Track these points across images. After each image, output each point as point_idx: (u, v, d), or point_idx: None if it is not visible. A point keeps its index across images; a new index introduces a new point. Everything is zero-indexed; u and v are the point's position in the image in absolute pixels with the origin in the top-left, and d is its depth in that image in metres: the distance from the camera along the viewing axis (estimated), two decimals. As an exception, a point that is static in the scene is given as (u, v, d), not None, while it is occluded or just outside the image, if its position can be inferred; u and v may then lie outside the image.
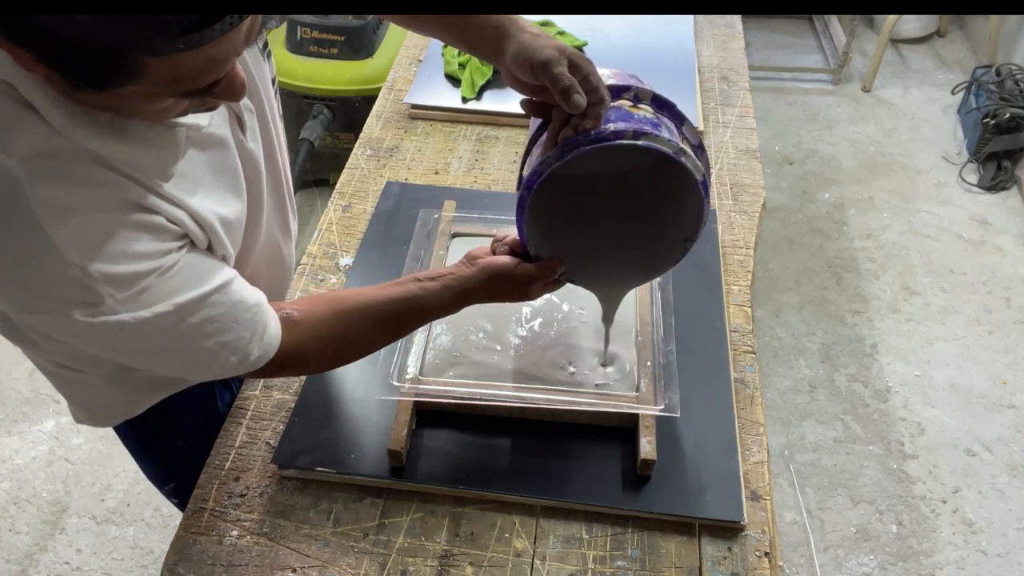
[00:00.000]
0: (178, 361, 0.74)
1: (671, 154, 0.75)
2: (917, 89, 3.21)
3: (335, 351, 0.84)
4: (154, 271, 0.66)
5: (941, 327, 2.27)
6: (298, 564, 0.86)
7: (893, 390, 2.11)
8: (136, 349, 0.70)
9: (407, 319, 0.86)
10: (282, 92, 2.68)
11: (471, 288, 0.85)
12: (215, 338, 0.72)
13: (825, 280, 2.42)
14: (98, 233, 0.62)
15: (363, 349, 0.87)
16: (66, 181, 0.60)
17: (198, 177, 0.72)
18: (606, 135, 0.74)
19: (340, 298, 0.84)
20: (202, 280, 0.70)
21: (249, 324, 0.74)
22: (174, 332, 0.69)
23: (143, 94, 0.58)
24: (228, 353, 0.73)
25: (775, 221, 2.60)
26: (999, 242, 2.53)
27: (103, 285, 0.63)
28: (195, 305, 0.69)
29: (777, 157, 2.89)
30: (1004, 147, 2.67)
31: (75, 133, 0.60)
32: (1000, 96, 2.70)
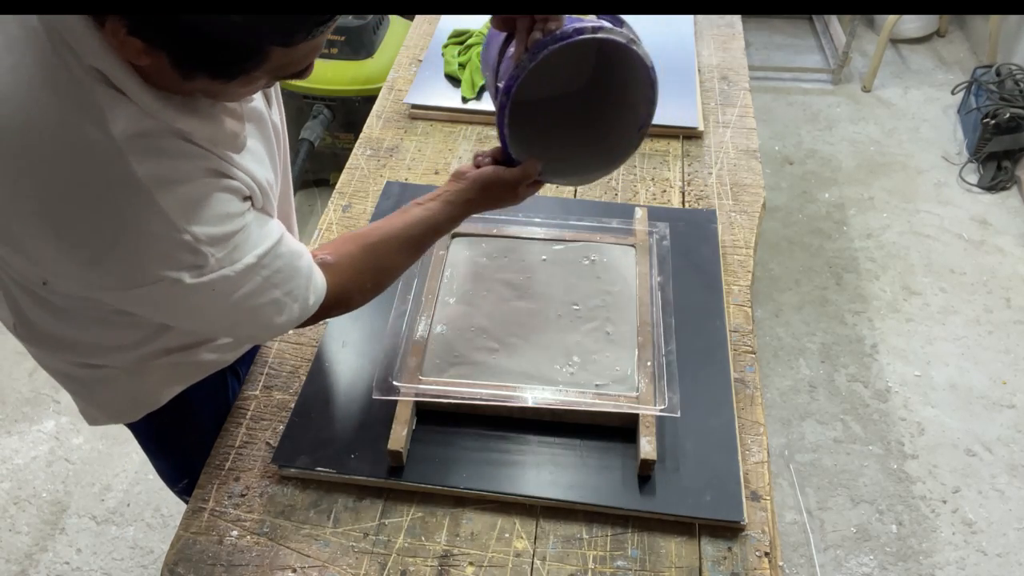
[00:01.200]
0: (255, 317, 0.78)
1: (624, 43, 0.86)
2: (917, 89, 3.21)
3: (373, 281, 0.90)
4: (241, 229, 0.72)
5: (941, 327, 2.27)
6: (298, 564, 0.86)
7: (893, 390, 2.11)
8: (223, 309, 0.75)
9: (423, 238, 0.92)
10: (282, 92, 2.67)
11: (469, 199, 0.93)
12: (282, 288, 0.77)
13: (825, 280, 2.42)
14: (198, 199, 0.67)
15: (394, 274, 0.93)
16: (165, 156, 0.65)
17: (252, 146, 0.78)
18: (570, 32, 0.83)
19: (363, 234, 0.90)
20: (267, 234, 0.76)
21: (304, 272, 0.80)
22: (253, 285, 0.74)
23: (249, 80, 0.65)
24: (291, 301, 0.79)
25: (775, 221, 2.60)
26: (999, 242, 2.53)
27: (207, 246, 0.68)
28: (267, 257, 0.75)
29: (777, 157, 2.89)
30: (1004, 147, 2.67)
31: (163, 113, 0.65)
32: (1000, 96, 2.70)
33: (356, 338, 1.07)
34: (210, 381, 1.01)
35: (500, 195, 0.94)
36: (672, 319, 1.04)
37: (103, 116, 0.62)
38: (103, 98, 0.62)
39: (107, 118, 0.62)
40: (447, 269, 1.11)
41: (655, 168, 1.38)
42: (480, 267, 1.12)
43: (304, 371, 1.04)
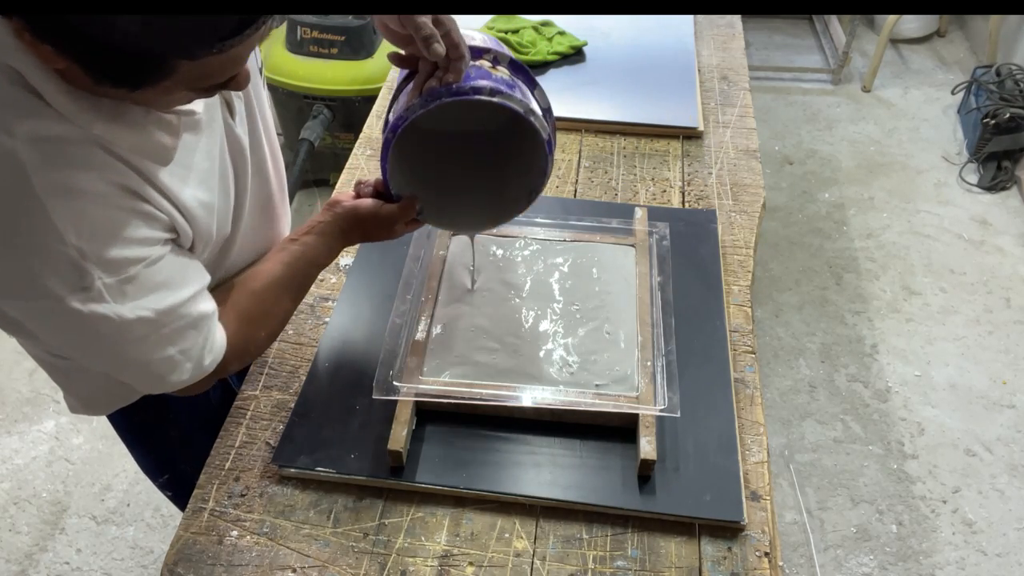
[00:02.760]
0: (141, 369, 0.75)
1: (521, 112, 0.84)
2: (917, 89, 3.21)
3: (267, 331, 0.89)
4: (143, 260, 0.68)
5: (941, 327, 2.27)
6: (298, 564, 0.86)
7: (893, 390, 2.11)
8: (108, 350, 0.71)
9: (305, 275, 0.91)
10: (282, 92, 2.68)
11: (343, 229, 0.91)
12: (178, 346, 0.74)
13: (825, 280, 2.42)
14: (96, 216, 0.64)
15: (285, 318, 0.92)
16: (69, 164, 0.62)
17: (189, 162, 0.74)
18: (465, 89, 0.82)
19: (246, 282, 0.88)
20: (182, 283, 0.73)
21: (206, 331, 0.77)
22: (149, 339, 0.71)
23: (163, 90, 0.61)
24: (185, 360, 0.76)
25: (775, 221, 2.60)
26: (999, 242, 2.53)
27: (95, 267, 0.65)
28: (170, 314, 0.72)
29: (777, 157, 2.89)
30: (1004, 147, 2.67)
31: (80, 118, 0.62)
32: (1000, 96, 2.70)
33: (356, 338, 1.07)
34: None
35: (374, 230, 0.92)
36: (672, 319, 1.04)
37: (8, 117, 0.60)
38: (14, 98, 0.60)
39: (12, 119, 0.60)
40: (447, 269, 1.11)
41: (655, 168, 1.38)
42: (480, 267, 1.12)
43: (304, 371, 1.04)
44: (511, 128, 0.91)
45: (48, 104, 0.61)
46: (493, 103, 0.83)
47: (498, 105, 0.83)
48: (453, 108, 0.83)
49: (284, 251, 0.90)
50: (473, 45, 0.87)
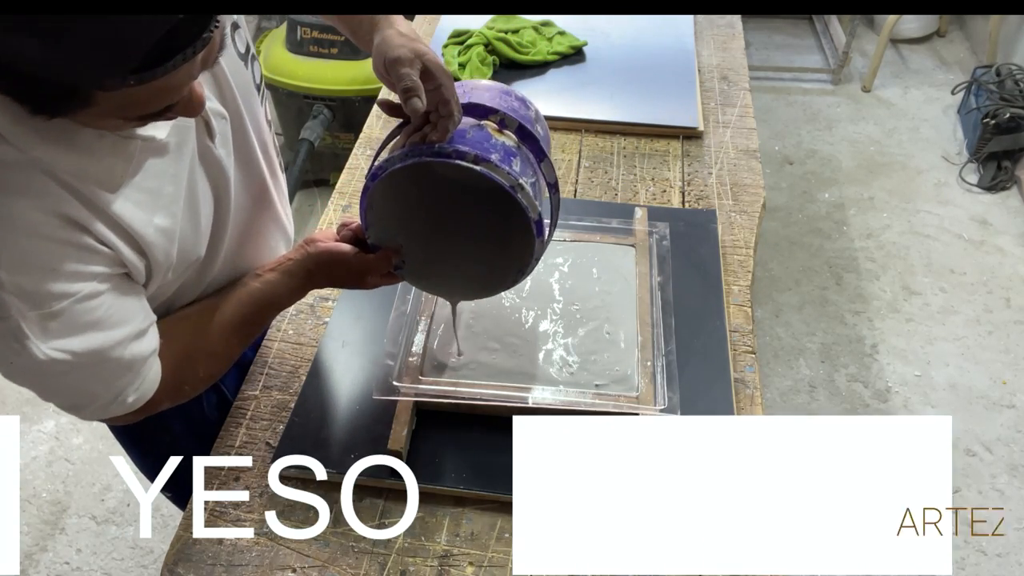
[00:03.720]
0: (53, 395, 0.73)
1: (506, 187, 0.77)
2: (917, 89, 3.21)
3: (205, 370, 0.85)
4: (71, 296, 0.64)
5: (941, 327, 2.27)
6: (298, 564, 0.86)
7: (893, 390, 2.11)
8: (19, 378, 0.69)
9: (259, 316, 0.87)
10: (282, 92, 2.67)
11: (310, 271, 0.87)
12: (106, 383, 0.72)
13: (825, 280, 2.42)
14: (23, 245, 0.61)
15: (228, 359, 0.87)
16: (3, 190, 0.60)
17: (150, 187, 0.70)
18: (447, 152, 0.75)
19: (191, 316, 0.84)
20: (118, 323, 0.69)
21: (138, 372, 0.74)
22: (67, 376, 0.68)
23: (95, 115, 0.58)
24: (108, 395, 0.73)
25: (775, 221, 2.60)
26: (999, 242, 2.53)
27: (13, 297, 0.61)
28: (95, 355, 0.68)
29: (777, 157, 2.89)
30: (1004, 147, 2.67)
31: (21, 139, 0.59)
32: (1000, 96, 2.70)
33: (356, 338, 1.07)
34: None
35: (344, 277, 0.88)
36: (672, 319, 1.04)
37: None
38: None
39: None
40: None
41: (655, 168, 1.38)
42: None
43: (304, 371, 1.04)
44: (497, 204, 0.82)
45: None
46: (474, 171, 0.76)
47: (479, 174, 0.76)
48: (435, 171, 0.79)
49: (244, 288, 0.86)
50: (479, 103, 0.81)
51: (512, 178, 0.77)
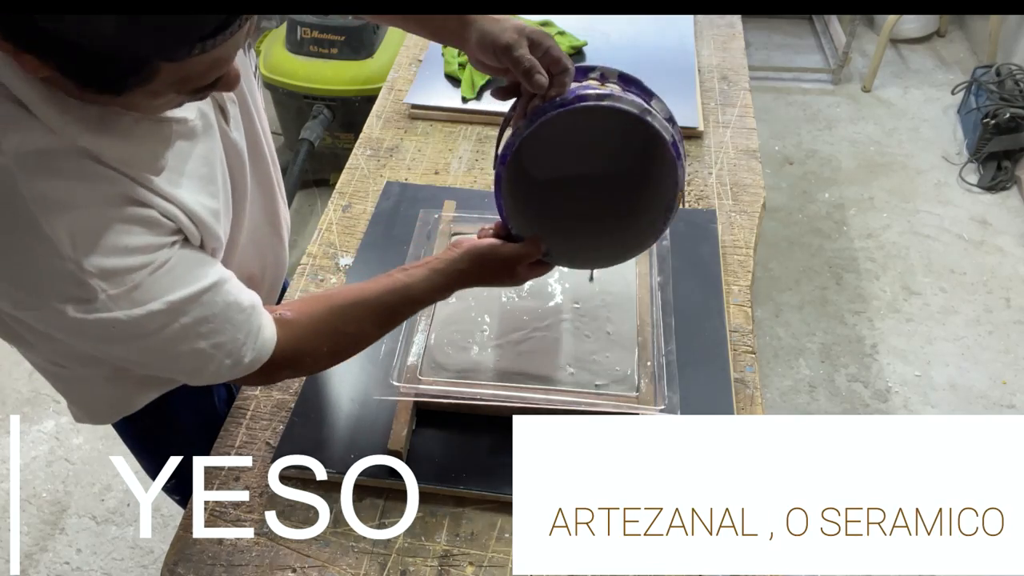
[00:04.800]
0: (170, 362, 0.73)
1: (636, 114, 0.76)
2: (917, 89, 3.21)
3: (331, 347, 0.83)
4: (146, 266, 0.66)
5: (941, 327, 2.27)
6: (298, 564, 0.86)
7: (893, 390, 2.11)
8: (129, 349, 0.70)
9: (400, 308, 0.86)
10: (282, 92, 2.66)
11: (460, 270, 0.85)
12: (208, 339, 0.72)
13: (825, 280, 2.42)
14: (92, 227, 0.63)
15: (359, 343, 0.86)
16: (60, 176, 0.61)
17: (187, 169, 0.72)
18: (570, 100, 0.76)
19: (332, 295, 0.84)
20: (195, 278, 0.70)
21: (243, 326, 0.74)
22: (167, 332, 0.69)
23: (150, 93, 0.60)
24: (222, 355, 0.73)
25: (775, 221, 2.60)
26: (999, 242, 2.53)
27: (96, 280, 0.63)
28: (188, 304, 0.69)
29: (777, 157, 2.89)
30: (1004, 147, 2.67)
31: (66, 129, 0.61)
32: (1000, 96, 2.70)
33: (356, 338, 1.07)
34: (192, 387, 0.99)
35: (495, 272, 0.87)
36: (672, 319, 1.04)
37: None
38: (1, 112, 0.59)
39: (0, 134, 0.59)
40: (447, 269, 1.11)
41: (655, 168, 1.37)
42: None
43: (304, 371, 1.04)
44: (631, 140, 0.83)
45: (35, 116, 0.60)
46: (602, 107, 0.76)
47: (608, 109, 0.76)
48: (562, 126, 0.77)
49: (389, 277, 0.85)
50: (577, 65, 0.82)
51: (637, 104, 0.77)
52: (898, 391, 2.11)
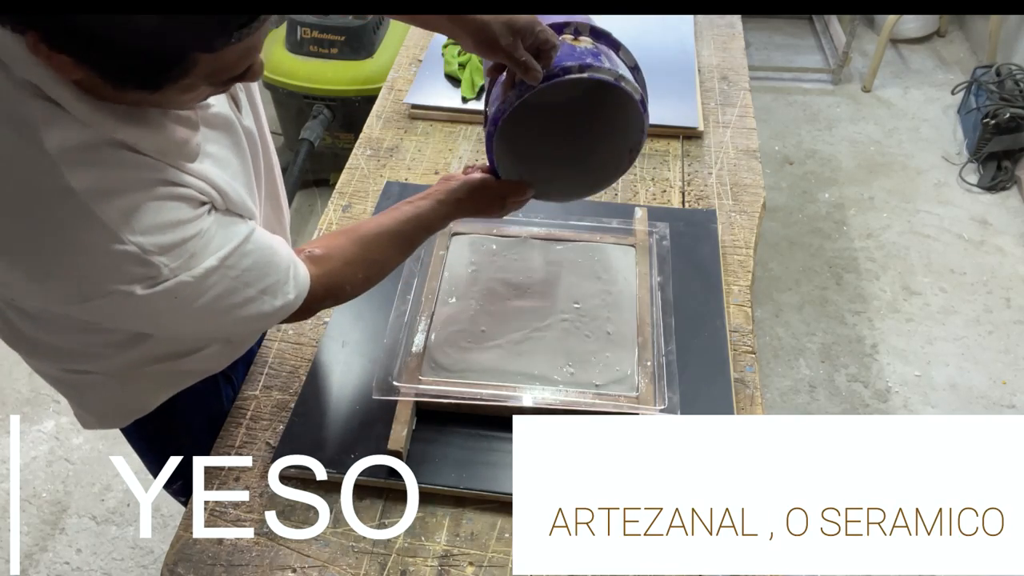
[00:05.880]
0: (229, 317, 0.76)
1: (612, 81, 0.88)
2: (917, 89, 3.21)
3: (364, 273, 0.90)
4: (196, 234, 0.70)
5: (941, 327, 2.27)
6: (298, 564, 0.86)
7: (893, 390, 2.11)
8: (191, 314, 0.73)
9: (414, 234, 0.93)
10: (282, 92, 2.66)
11: (459, 199, 0.94)
12: (256, 285, 0.76)
13: (825, 280, 2.42)
14: (143, 208, 0.65)
15: (385, 268, 0.93)
16: (104, 166, 0.64)
17: (224, 158, 0.76)
18: (556, 72, 0.87)
19: (354, 228, 0.91)
20: (233, 233, 0.74)
21: (281, 266, 0.78)
22: (222, 287, 0.73)
23: (184, 87, 0.62)
24: (269, 297, 0.77)
25: (775, 221, 2.60)
26: (999, 242, 2.53)
27: (157, 256, 0.66)
28: (234, 256, 0.73)
29: (777, 157, 2.89)
30: (1004, 147, 2.67)
31: (101, 125, 0.63)
32: (1000, 96, 2.69)
33: (356, 338, 1.07)
34: (201, 387, 1.00)
35: (487, 202, 0.97)
36: (672, 319, 1.04)
37: (36, 130, 0.60)
38: (37, 111, 0.61)
39: (40, 132, 0.60)
40: (447, 269, 1.11)
41: (655, 168, 1.38)
42: (480, 267, 1.12)
43: (304, 371, 1.04)
44: (604, 95, 0.96)
45: (69, 114, 0.61)
46: (584, 79, 0.87)
47: (590, 79, 0.87)
48: (547, 94, 0.89)
49: (398, 210, 0.92)
50: (552, 23, 0.90)
51: (613, 72, 0.88)
52: (898, 391, 2.11)
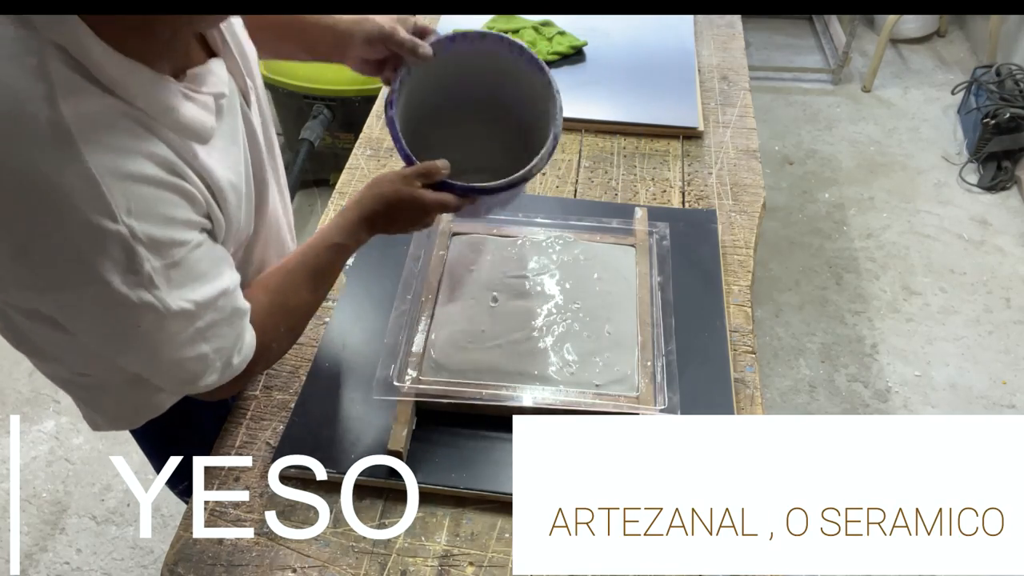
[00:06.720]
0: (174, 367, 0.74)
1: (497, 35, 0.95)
2: (917, 89, 3.21)
3: (285, 325, 0.86)
4: (186, 244, 0.68)
5: (941, 327, 2.27)
6: (298, 564, 0.86)
7: (893, 390, 2.11)
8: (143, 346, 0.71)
9: (319, 261, 0.88)
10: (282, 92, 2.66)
11: (361, 199, 0.89)
12: (212, 343, 0.74)
13: (825, 280, 2.42)
14: (145, 194, 0.64)
15: (306, 311, 0.89)
16: (118, 139, 0.62)
17: (223, 146, 0.75)
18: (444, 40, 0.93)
19: (266, 279, 0.87)
20: (218, 275, 0.73)
21: (237, 329, 0.77)
22: (185, 335, 0.71)
23: None
24: (217, 360, 0.75)
25: (775, 221, 2.60)
26: (999, 242, 2.53)
27: (144, 248, 0.64)
28: (207, 309, 0.71)
29: (777, 157, 2.89)
30: (1004, 147, 2.67)
31: (125, 90, 0.62)
32: (1000, 96, 2.70)
33: (356, 338, 1.07)
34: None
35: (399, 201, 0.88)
36: (672, 319, 1.04)
37: (55, 96, 0.59)
38: (60, 77, 0.59)
39: (59, 98, 0.59)
40: (447, 269, 1.11)
41: (655, 168, 1.38)
42: (480, 267, 1.12)
43: (304, 371, 1.04)
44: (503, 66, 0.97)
45: (92, 80, 0.61)
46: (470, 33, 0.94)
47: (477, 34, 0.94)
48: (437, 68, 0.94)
49: (305, 243, 0.89)
50: None
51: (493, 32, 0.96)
52: (898, 391, 2.11)
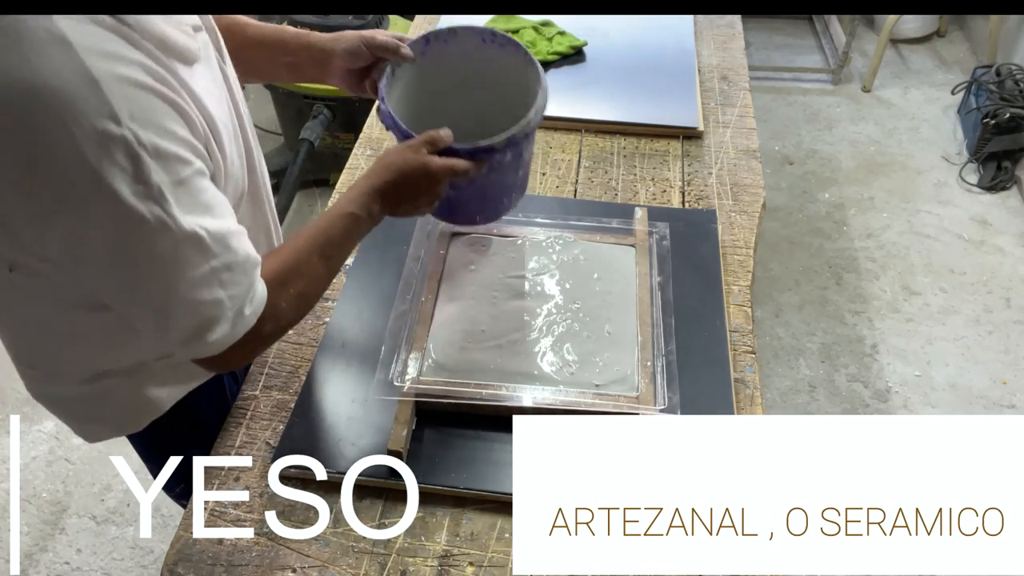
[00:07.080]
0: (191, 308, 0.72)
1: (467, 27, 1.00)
2: (917, 89, 3.21)
3: (296, 287, 0.83)
4: (190, 164, 0.67)
5: (941, 327, 2.27)
6: (298, 564, 0.86)
7: (893, 390, 2.11)
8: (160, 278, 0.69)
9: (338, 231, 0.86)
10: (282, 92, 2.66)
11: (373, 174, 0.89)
12: (227, 288, 0.72)
13: (825, 280, 2.42)
14: (143, 101, 0.63)
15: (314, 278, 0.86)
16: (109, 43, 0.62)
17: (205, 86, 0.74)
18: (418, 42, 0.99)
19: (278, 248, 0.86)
20: (225, 213, 0.72)
21: (251, 277, 0.75)
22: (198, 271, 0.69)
23: None
24: (232, 307, 0.73)
25: (775, 221, 2.60)
26: (999, 242, 2.53)
27: (148, 156, 0.63)
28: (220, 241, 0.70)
29: (777, 157, 2.89)
30: (1004, 147, 2.67)
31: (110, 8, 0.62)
32: (1000, 96, 2.70)
33: (356, 338, 1.07)
34: (211, 383, 1.00)
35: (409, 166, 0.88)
36: (672, 319, 1.04)
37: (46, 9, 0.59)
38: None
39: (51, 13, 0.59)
40: (447, 269, 1.11)
41: (655, 168, 1.38)
42: (480, 267, 1.12)
43: (304, 371, 1.04)
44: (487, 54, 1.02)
45: None
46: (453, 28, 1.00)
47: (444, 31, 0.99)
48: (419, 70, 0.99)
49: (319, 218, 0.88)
50: None
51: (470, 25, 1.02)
52: (898, 391, 2.11)
